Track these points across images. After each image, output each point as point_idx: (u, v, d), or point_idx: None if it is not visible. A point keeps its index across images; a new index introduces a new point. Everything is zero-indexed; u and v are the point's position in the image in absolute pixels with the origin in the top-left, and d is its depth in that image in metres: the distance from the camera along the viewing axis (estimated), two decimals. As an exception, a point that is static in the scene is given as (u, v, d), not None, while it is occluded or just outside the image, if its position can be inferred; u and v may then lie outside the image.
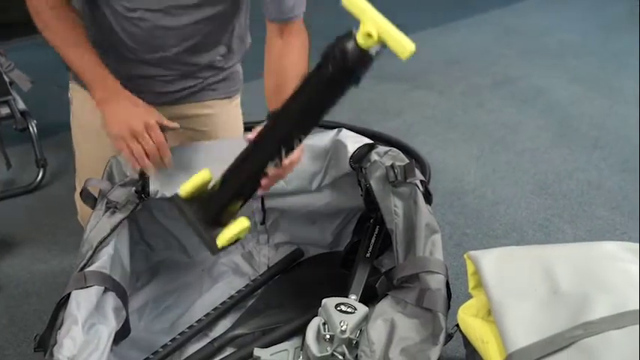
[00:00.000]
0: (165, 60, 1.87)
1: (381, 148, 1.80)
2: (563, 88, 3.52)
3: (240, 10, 1.87)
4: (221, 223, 1.39)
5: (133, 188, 1.71)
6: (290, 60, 1.76)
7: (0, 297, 2.09)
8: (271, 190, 1.87)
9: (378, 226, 1.83)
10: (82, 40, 1.73)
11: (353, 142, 1.83)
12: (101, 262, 1.53)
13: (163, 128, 1.68)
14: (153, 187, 1.75)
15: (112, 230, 1.61)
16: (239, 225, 1.37)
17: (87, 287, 1.45)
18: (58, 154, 2.67)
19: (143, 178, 1.73)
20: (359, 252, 1.81)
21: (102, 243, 1.57)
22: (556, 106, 3.34)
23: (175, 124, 1.74)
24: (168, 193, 1.74)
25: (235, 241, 1.40)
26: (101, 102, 1.69)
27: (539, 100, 3.40)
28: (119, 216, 1.65)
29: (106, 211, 1.65)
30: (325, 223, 2.03)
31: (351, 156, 1.80)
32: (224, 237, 1.37)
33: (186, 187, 1.42)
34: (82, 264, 1.51)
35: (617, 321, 1.28)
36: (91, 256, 1.53)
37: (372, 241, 1.82)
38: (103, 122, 1.67)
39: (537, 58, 3.93)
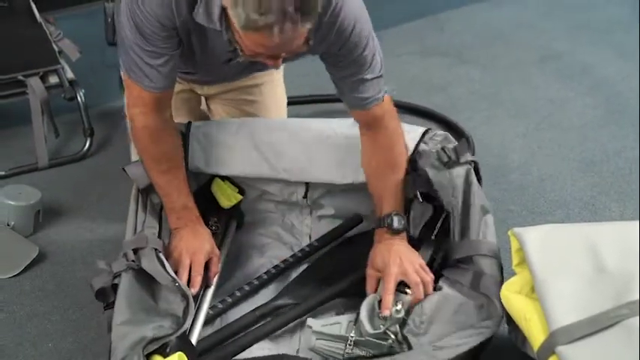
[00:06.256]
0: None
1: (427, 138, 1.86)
2: (611, 64, 3.44)
3: None
4: None
5: None
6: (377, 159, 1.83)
7: (47, 264, 2.12)
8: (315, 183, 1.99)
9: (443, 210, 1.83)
10: (173, 164, 1.80)
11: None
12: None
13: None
14: (191, 163, 1.90)
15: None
16: None
17: None
18: (105, 124, 2.70)
19: None
20: (421, 232, 1.82)
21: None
22: (604, 82, 3.27)
23: (217, 270, 1.80)
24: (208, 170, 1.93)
25: None
26: (173, 228, 1.79)
27: (586, 77, 3.33)
28: None
29: None
30: (367, 196, 2.03)
31: None
32: None
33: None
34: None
35: (664, 301, 1.27)
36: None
37: (438, 224, 1.82)
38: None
39: (584, 33, 3.84)
